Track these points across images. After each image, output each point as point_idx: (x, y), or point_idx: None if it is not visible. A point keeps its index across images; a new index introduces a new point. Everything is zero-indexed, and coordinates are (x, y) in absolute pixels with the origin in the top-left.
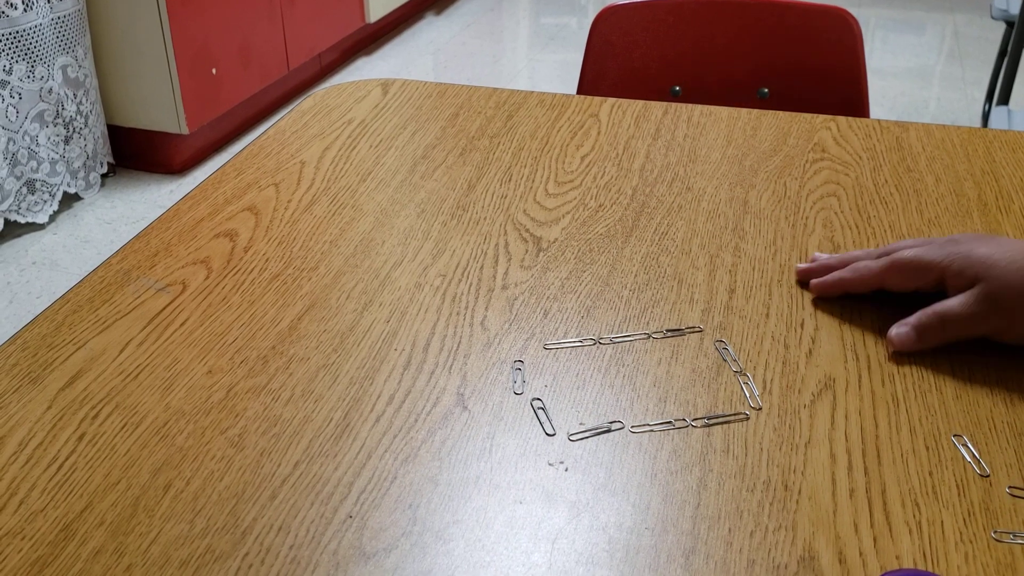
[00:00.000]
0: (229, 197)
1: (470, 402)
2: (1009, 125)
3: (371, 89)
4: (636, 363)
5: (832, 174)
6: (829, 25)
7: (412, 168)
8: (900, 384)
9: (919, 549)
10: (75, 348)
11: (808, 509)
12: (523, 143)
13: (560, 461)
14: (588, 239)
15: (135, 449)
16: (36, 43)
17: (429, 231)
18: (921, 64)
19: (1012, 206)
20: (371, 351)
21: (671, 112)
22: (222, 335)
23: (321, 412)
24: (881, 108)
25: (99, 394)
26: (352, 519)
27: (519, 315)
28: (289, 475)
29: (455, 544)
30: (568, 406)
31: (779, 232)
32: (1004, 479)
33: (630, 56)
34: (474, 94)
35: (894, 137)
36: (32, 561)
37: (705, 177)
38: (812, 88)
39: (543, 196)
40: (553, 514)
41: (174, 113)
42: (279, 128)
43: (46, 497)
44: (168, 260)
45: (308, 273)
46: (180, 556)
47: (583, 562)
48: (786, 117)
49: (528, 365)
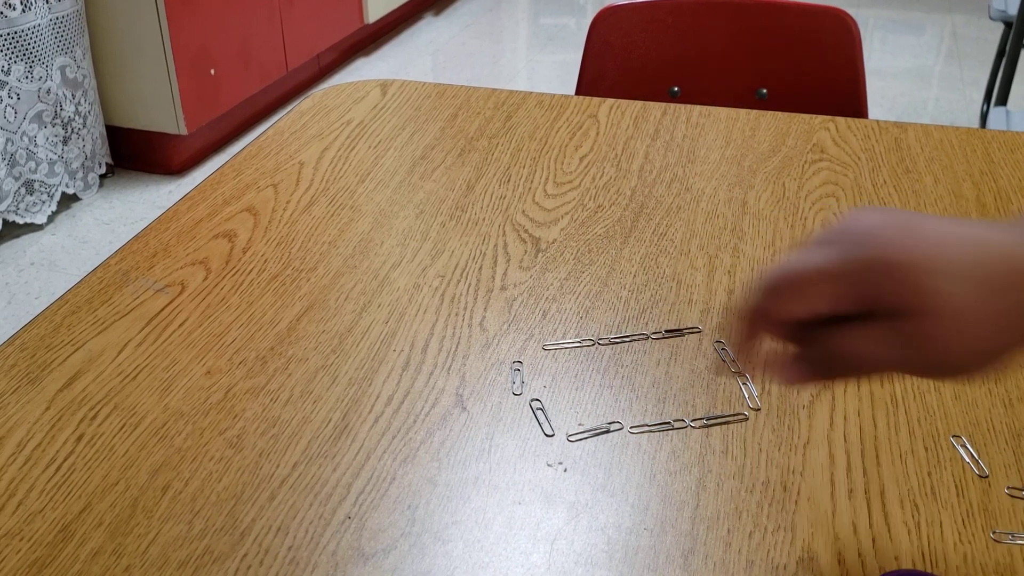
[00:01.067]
0: (228, 198)
1: (469, 403)
2: (1007, 126)
3: (370, 90)
4: (635, 364)
5: (831, 175)
6: (828, 26)
7: (411, 169)
8: (899, 385)
9: (918, 550)
10: (74, 349)
11: (807, 510)
12: (522, 144)
13: (559, 462)
14: (587, 240)
15: (134, 450)
16: (34, 43)
17: (428, 232)
18: (919, 65)
19: (1010, 206)
20: (370, 352)
21: (670, 113)
22: (221, 336)
23: (320, 413)
24: (880, 109)
25: (98, 395)
26: (351, 520)
27: (518, 316)
28: (288, 476)
29: (454, 545)
30: (567, 407)
31: (778, 233)
32: (1003, 480)
33: (629, 57)
34: (473, 95)
35: (892, 138)
36: (31, 562)
37: (704, 178)
38: (811, 89)
39: (542, 197)
40: (552, 515)
41: (173, 114)
42: (278, 129)
43: (45, 498)
44: (167, 261)
45: (307, 274)
46: (179, 557)
47: (582, 563)
48: (785, 118)
49: (527, 366)
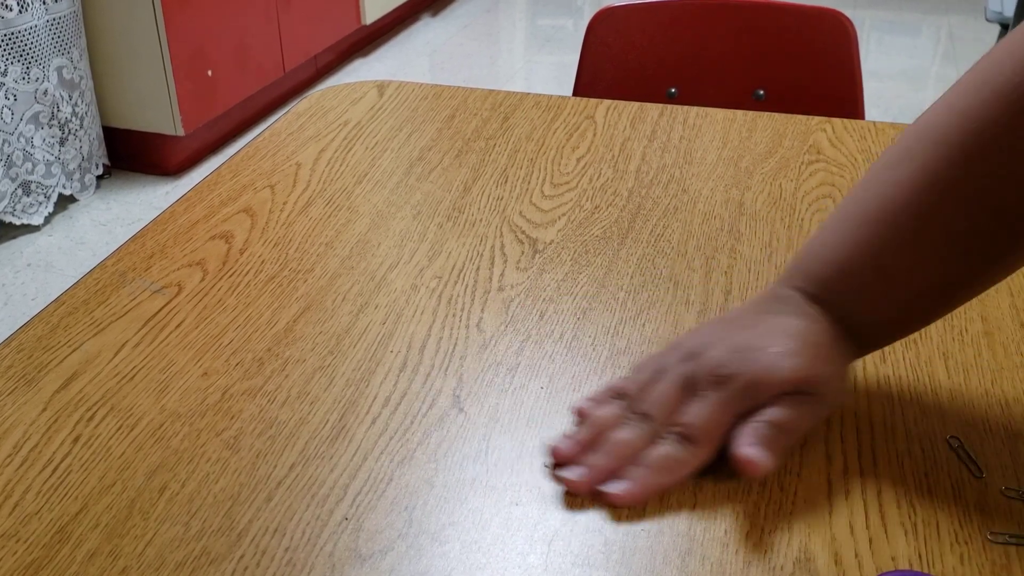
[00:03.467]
0: (225, 199)
1: (466, 404)
2: None
3: (367, 91)
4: (632, 364)
5: (827, 176)
6: (824, 27)
7: (408, 170)
8: (895, 386)
9: (915, 550)
10: (70, 350)
11: (804, 510)
12: (519, 145)
13: (557, 462)
14: (584, 241)
15: (130, 451)
16: (31, 44)
17: (425, 233)
18: (916, 66)
19: None
20: (367, 353)
21: (667, 114)
22: (218, 337)
23: (317, 414)
24: (876, 110)
25: (94, 396)
26: (348, 521)
27: (515, 317)
28: (285, 477)
29: (451, 546)
30: (565, 407)
31: (775, 234)
32: (999, 480)
33: (626, 58)
34: (470, 96)
35: (889, 139)
36: (27, 564)
37: (701, 179)
38: (807, 90)
39: (539, 198)
40: (549, 516)
41: (170, 115)
42: (275, 130)
43: (41, 499)
44: (164, 262)
45: (304, 275)
46: (175, 558)
47: (579, 563)
48: (782, 119)
49: (526, 365)
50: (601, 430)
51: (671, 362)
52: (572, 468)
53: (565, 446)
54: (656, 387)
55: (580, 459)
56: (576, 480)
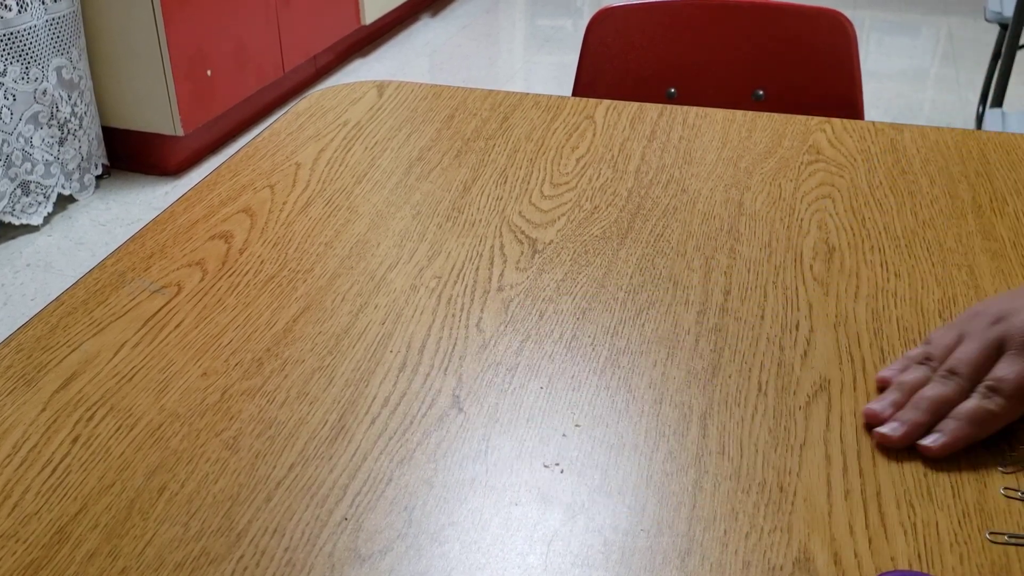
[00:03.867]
0: (224, 199)
1: (465, 404)
2: (1003, 127)
3: (367, 91)
4: (631, 365)
5: (827, 176)
6: (824, 27)
7: (407, 170)
8: None
9: (914, 550)
10: (70, 350)
11: (803, 511)
12: (518, 145)
13: (556, 463)
14: (583, 241)
15: (130, 452)
16: (31, 44)
17: (424, 233)
18: (916, 66)
19: (1006, 208)
20: (366, 353)
21: (666, 114)
22: (217, 337)
23: (316, 414)
24: (876, 110)
25: (94, 396)
26: (347, 521)
27: (514, 317)
28: (284, 477)
29: (450, 546)
30: (564, 407)
31: (774, 234)
32: (998, 480)
33: (626, 58)
34: (470, 96)
35: (889, 139)
36: (26, 564)
37: (700, 179)
38: (807, 90)
39: (538, 198)
40: (549, 516)
41: (169, 115)
42: (274, 130)
43: (40, 500)
44: (163, 262)
45: (303, 275)
46: (175, 559)
47: (579, 564)
48: (781, 119)
49: (524, 367)
50: (911, 390)
51: (977, 327)
52: (887, 424)
53: (879, 406)
54: (963, 347)
55: (893, 418)
56: (892, 434)
